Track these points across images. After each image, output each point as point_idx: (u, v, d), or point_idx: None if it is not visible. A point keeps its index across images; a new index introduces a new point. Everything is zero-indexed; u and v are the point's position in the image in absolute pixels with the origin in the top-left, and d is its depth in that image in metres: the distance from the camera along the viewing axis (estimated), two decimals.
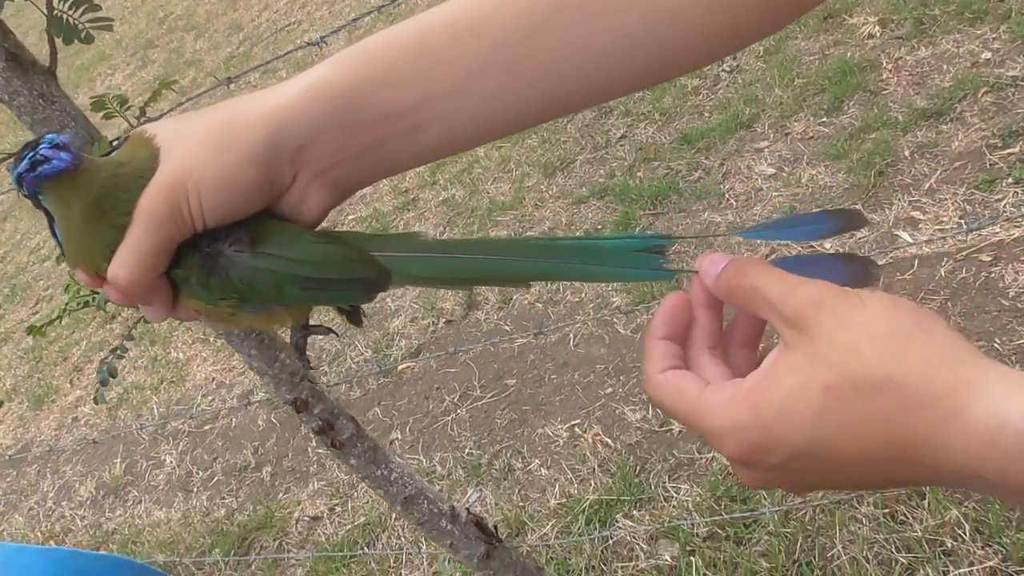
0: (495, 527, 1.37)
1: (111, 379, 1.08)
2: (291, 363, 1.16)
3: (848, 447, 0.38)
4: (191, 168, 0.47)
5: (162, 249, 0.48)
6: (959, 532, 1.67)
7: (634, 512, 2.10)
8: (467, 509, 1.36)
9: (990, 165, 2.48)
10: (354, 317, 0.56)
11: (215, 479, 3.14)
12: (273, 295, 0.50)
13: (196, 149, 0.47)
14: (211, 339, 3.84)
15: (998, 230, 2.29)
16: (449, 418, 2.77)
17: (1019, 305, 2.10)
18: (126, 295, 0.49)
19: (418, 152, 0.51)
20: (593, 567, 2.01)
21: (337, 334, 0.58)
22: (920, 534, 1.69)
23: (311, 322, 0.58)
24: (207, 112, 0.50)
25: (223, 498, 3.02)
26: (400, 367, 3.09)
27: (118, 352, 1.05)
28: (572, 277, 0.51)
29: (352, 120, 0.48)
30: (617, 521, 2.10)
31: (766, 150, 3.03)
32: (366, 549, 2.46)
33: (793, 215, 0.54)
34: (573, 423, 2.47)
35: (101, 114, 1.03)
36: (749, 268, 0.43)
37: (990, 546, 1.63)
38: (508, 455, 2.50)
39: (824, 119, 3.00)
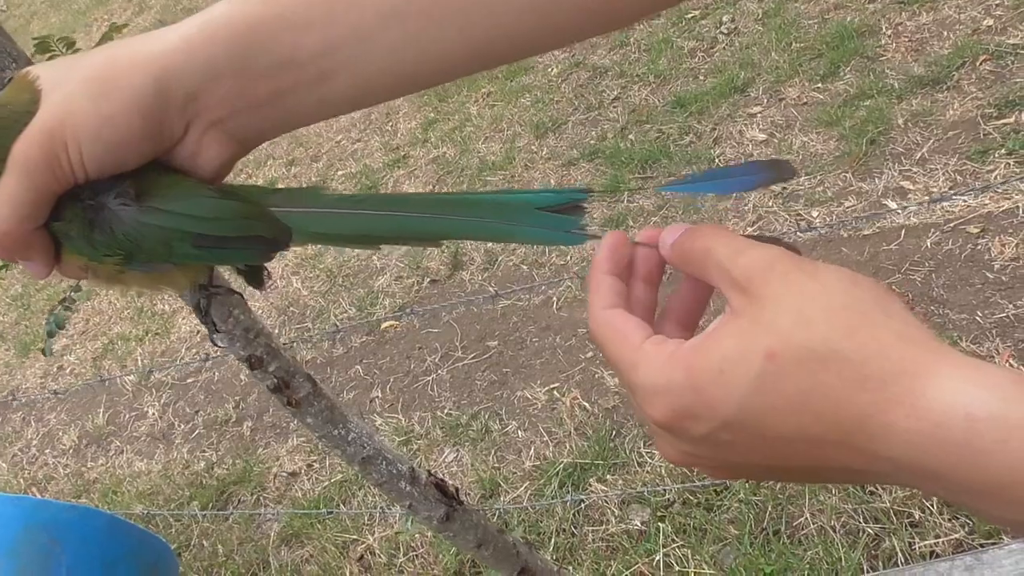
0: (456, 489, 1.35)
1: (59, 330, 1.06)
2: (245, 319, 1.14)
3: (783, 422, 0.35)
4: (68, 114, 0.43)
5: (38, 200, 0.44)
6: (927, 504, 1.66)
7: (607, 476, 2.10)
8: (428, 471, 1.34)
9: (984, 135, 2.44)
10: (255, 278, 0.53)
11: (196, 432, 3.14)
12: (162, 253, 0.47)
13: (75, 93, 0.44)
14: None
15: (987, 201, 2.25)
16: (430, 378, 2.76)
17: (1003, 278, 2.08)
18: (2, 248, 0.46)
19: (327, 103, 0.47)
20: (564, 530, 2.01)
21: (243, 296, 0.55)
22: (888, 505, 1.69)
23: (214, 283, 0.55)
24: (93, 53, 0.46)
25: (203, 451, 3.02)
26: (384, 325, 3.08)
27: (66, 303, 1.02)
28: (484, 236, 0.48)
29: (250, 65, 0.45)
30: (590, 485, 2.10)
31: (759, 115, 2.97)
32: (342, 506, 2.47)
33: (720, 167, 0.51)
34: (552, 386, 2.46)
35: (47, 56, 1.00)
36: (704, 231, 0.40)
37: (957, 519, 1.63)
38: (486, 416, 2.49)
39: (819, 85, 2.95)
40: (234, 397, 3.19)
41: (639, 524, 1.93)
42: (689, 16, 3.67)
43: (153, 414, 3.34)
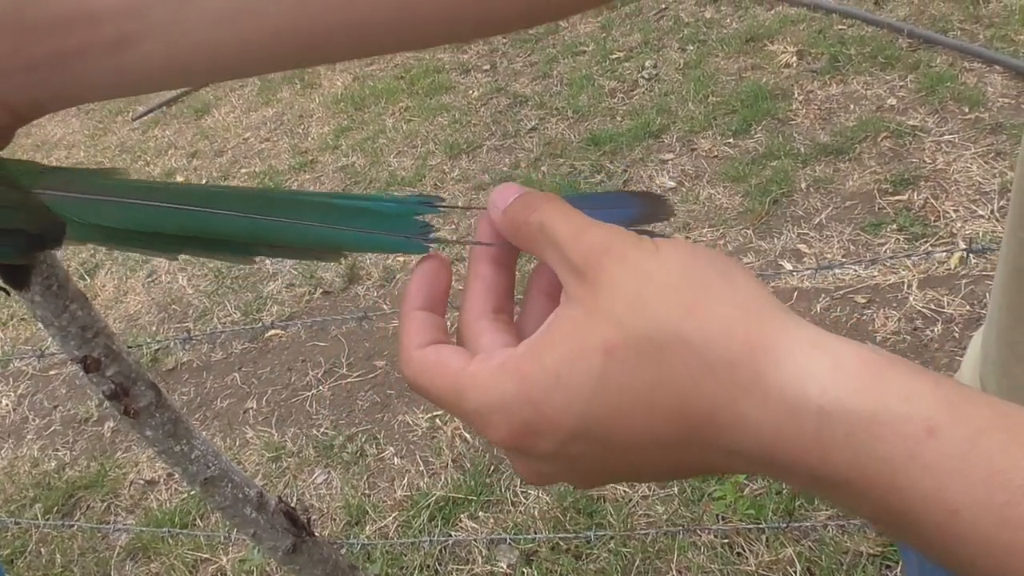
0: (308, 519, 1.26)
1: None
2: (83, 315, 1.03)
3: (631, 425, 0.30)
4: None
5: None
6: (791, 570, 1.66)
7: (480, 513, 2.03)
8: (279, 498, 1.25)
9: (878, 209, 2.51)
10: (15, 277, 0.42)
11: (51, 428, 2.92)
12: None
13: None
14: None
15: (875, 274, 2.31)
16: (310, 393, 2.64)
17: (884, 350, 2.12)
18: None
19: (127, 74, 0.39)
20: (427, 566, 1.93)
21: (8, 292, 0.45)
22: (754, 568, 1.67)
23: None
24: None
25: (56, 450, 2.80)
26: (268, 333, 2.94)
27: None
28: (308, 241, 0.39)
29: (25, 17, 0.37)
30: (461, 521, 2.03)
31: (670, 162, 3.00)
32: (199, 521, 2.32)
33: (591, 194, 0.43)
34: (435, 414, 2.38)
35: None
36: (540, 202, 0.35)
37: None
38: (363, 439, 2.39)
39: (731, 140, 2.99)
40: (98, 395, 2.97)
41: (505, 567, 1.86)
42: (614, 57, 3.70)
43: (7, 405, 3.10)
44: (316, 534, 1.30)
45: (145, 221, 0.39)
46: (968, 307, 2.15)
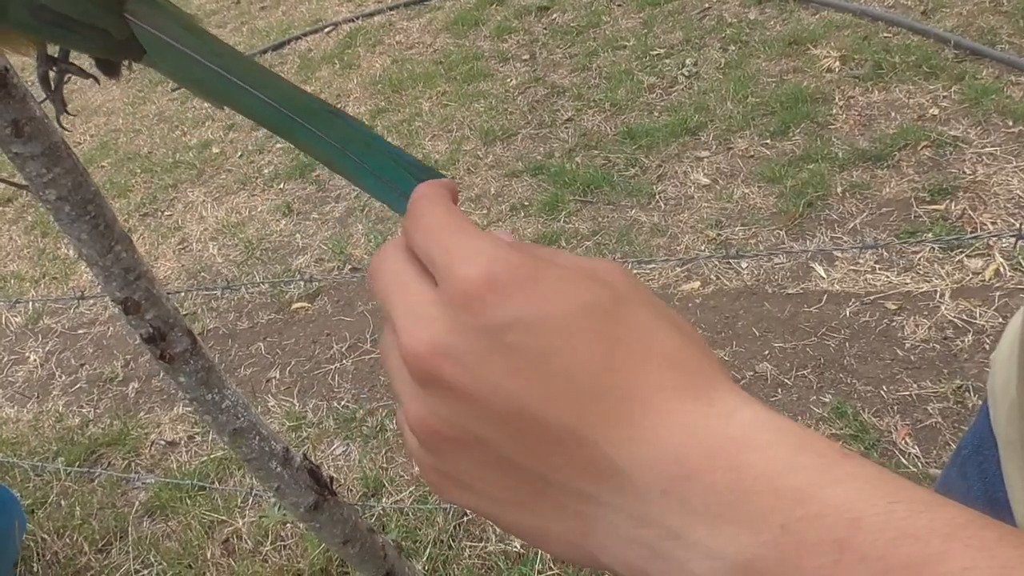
0: (331, 479, 1.27)
1: None
2: (126, 257, 1.04)
3: (588, 346, 0.27)
4: None
5: None
6: None
7: None
8: (303, 455, 1.26)
9: (914, 217, 2.49)
10: (109, 67, 0.45)
11: (77, 386, 2.96)
12: None
13: None
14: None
15: (908, 281, 2.28)
16: (333, 367, 2.66)
17: (912, 358, 2.10)
18: None
19: None
20: (441, 541, 1.94)
21: (99, 81, 0.48)
22: None
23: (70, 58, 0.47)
24: None
25: (81, 407, 2.85)
26: (294, 306, 2.96)
27: None
28: (321, 156, 0.40)
29: None
30: None
31: (706, 160, 2.98)
32: (217, 484, 2.34)
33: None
34: None
35: None
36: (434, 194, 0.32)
37: None
38: (383, 414, 2.40)
39: (768, 141, 2.97)
40: (125, 355, 3.02)
41: (519, 547, 1.87)
42: (654, 53, 3.69)
43: (34, 360, 3.15)
44: (337, 494, 1.31)
45: (203, 86, 0.41)
46: (1001, 319, 2.12)
